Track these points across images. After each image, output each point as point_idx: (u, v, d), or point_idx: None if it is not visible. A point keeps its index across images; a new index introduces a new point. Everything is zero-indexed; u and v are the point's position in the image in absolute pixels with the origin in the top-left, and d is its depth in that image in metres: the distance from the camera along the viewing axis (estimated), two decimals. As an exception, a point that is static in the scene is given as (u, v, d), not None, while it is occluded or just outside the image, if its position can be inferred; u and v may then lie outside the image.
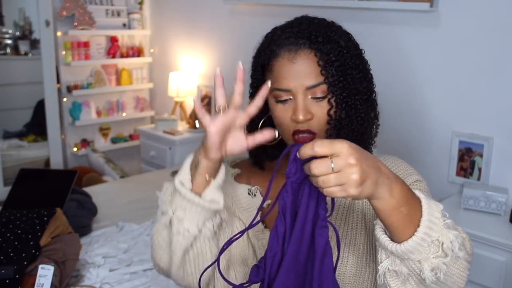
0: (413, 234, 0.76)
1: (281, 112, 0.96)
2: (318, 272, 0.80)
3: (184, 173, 0.88)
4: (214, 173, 0.88)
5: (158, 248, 0.96)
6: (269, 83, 0.84)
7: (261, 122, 1.03)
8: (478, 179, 2.41)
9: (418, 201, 0.79)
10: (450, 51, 2.48)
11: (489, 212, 2.24)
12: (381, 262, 0.81)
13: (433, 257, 0.77)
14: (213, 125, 0.82)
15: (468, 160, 2.44)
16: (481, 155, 2.40)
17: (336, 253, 0.82)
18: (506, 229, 2.12)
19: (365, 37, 1.04)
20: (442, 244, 0.77)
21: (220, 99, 0.84)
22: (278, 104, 0.96)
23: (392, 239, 0.79)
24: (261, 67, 1.00)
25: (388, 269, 0.80)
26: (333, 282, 0.80)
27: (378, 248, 0.82)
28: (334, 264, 0.81)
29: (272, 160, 1.09)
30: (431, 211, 0.78)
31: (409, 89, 2.64)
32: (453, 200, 2.36)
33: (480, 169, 2.40)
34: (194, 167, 0.87)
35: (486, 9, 2.34)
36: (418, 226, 0.77)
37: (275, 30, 1.01)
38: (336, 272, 0.85)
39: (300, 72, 0.93)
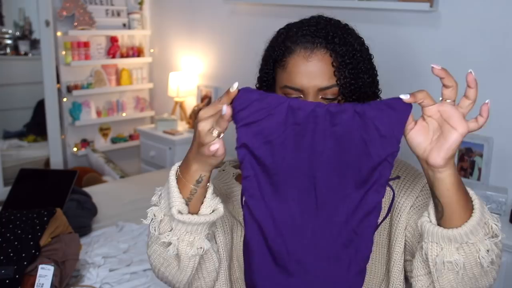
0: (471, 216, 0.79)
1: None
2: (356, 226, 0.82)
3: (178, 201, 0.86)
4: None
5: (159, 266, 0.94)
6: (235, 85, 0.82)
7: None
8: (478, 179, 2.41)
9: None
10: (450, 51, 2.48)
11: (489, 212, 2.24)
12: (437, 256, 0.80)
13: (487, 239, 0.79)
14: (223, 148, 0.83)
15: (468, 160, 2.44)
16: (481, 155, 2.40)
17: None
18: (506, 229, 2.12)
19: (364, 37, 1.04)
20: (491, 226, 0.80)
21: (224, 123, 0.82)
22: None
23: (447, 225, 0.80)
24: (273, 62, 0.99)
25: (443, 261, 0.80)
26: (370, 240, 0.83)
27: (427, 245, 0.82)
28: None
29: None
30: (479, 197, 0.81)
31: (408, 89, 2.64)
32: (453, 200, 2.36)
33: (480, 169, 2.40)
34: (196, 183, 0.86)
35: (486, 9, 2.34)
36: (472, 208, 0.79)
37: (290, 26, 1.00)
38: None
39: (314, 72, 0.93)
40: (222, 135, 0.82)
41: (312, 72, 0.93)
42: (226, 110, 0.79)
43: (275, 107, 0.80)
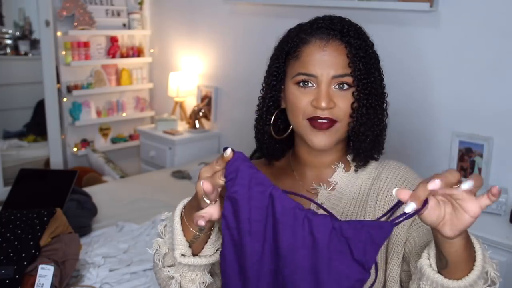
0: (472, 268, 0.77)
1: (300, 97, 0.96)
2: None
3: (181, 244, 0.88)
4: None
5: (163, 286, 0.97)
6: (228, 151, 0.80)
7: (273, 116, 1.04)
8: (478, 179, 2.41)
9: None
10: (450, 51, 2.48)
11: (489, 212, 2.24)
12: None
13: (485, 287, 0.79)
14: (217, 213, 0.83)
15: (468, 160, 2.44)
16: (481, 155, 2.40)
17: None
18: (506, 229, 2.12)
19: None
20: (490, 274, 0.80)
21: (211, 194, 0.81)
22: (299, 88, 0.96)
23: (448, 275, 0.78)
24: (286, 54, 1.00)
25: None
26: None
27: (424, 286, 0.81)
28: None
29: (279, 159, 1.10)
30: (481, 244, 0.80)
31: (408, 89, 2.64)
32: (453, 200, 2.36)
33: (480, 169, 2.40)
34: (199, 230, 0.87)
35: (486, 9, 2.34)
36: (475, 260, 0.78)
37: (302, 24, 1.02)
38: None
39: (329, 61, 0.94)
40: (217, 201, 0.82)
41: (327, 61, 0.94)
42: (203, 185, 0.79)
43: (257, 190, 0.78)
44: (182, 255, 0.88)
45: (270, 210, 0.78)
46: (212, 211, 0.82)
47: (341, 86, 0.95)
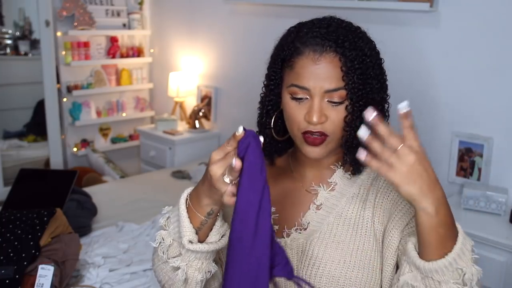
0: (443, 257, 0.81)
1: (295, 109, 0.96)
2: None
3: (188, 231, 0.90)
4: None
5: (164, 283, 0.98)
6: (240, 129, 0.85)
7: (273, 117, 1.05)
8: (478, 179, 2.41)
9: (455, 230, 0.84)
10: (450, 51, 2.48)
11: (489, 212, 2.24)
12: (403, 275, 0.86)
13: (453, 283, 0.81)
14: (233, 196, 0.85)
15: (468, 160, 2.44)
16: (481, 155, 2.39)
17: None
18: (506, 229, 2.12)
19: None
20: (464, 274, 0.82)
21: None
22: (293, 100, 0.96)
23: (421, 255, 0.83)
24: (281, 61, 0.99)
25: (407, 282, 0.84)
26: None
27: (403, 262, 0.87)
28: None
29: (281, 155, 1.11)
30: (465, 243, 0.83)
31: (408, 90, 2.64)
32: (453, 200, 2.36)
33: (480, 169, 2.40)
34: (207, 215, 0.89)
35: (486, 9, 2.34)
36: (450, 251, 0.81)
37: (301, 26, 1.00)
38: (342, 279, 0.95)
39: (322, 75, 0.93)
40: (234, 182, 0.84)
41: (319, 74, 0.93)
42: (236, 163, 0.81)
43: (261, 177, 0.82)
44: (190, 241, 0.89)
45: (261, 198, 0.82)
46: (231, 189, 0.84)
47: (334, 103, 0.94)
